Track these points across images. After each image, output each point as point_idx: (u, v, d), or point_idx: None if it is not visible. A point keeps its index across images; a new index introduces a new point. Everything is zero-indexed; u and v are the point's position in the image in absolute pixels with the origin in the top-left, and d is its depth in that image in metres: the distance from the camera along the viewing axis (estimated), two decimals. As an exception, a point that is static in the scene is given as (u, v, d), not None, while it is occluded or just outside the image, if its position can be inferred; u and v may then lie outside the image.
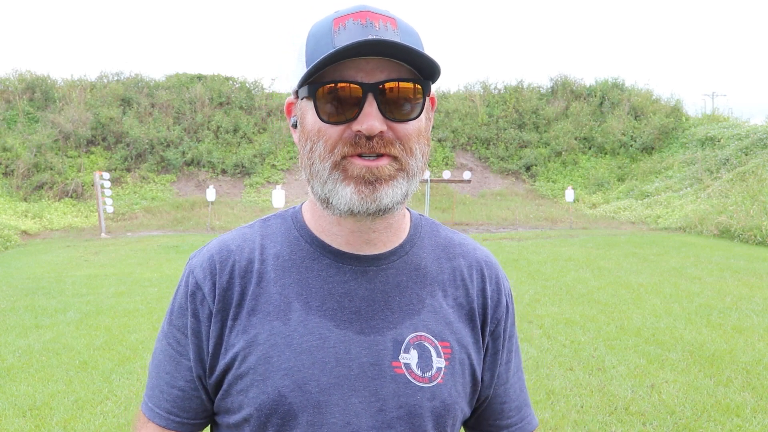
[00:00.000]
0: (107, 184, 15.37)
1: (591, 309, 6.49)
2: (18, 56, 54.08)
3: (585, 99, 23.90)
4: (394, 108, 0.80)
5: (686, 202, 16.55)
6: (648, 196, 18.40)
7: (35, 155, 18.96)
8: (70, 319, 6.26)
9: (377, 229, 0.89)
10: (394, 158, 0.82)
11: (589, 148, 22.27)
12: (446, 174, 17.84)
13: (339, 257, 0.89)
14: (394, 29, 0.81)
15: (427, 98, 0.85)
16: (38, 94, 21.22)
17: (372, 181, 0.81)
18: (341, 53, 0.76)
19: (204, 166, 20.61)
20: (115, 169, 19.55)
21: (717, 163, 18.01)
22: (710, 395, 4.07)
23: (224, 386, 0.88)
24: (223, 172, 20.65)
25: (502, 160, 22.36)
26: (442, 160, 22.11)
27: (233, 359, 0.86)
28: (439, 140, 22.65)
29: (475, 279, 0.95)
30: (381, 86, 0.79)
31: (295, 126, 0.89)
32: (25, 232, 14.88)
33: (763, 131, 18.13)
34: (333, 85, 0.79)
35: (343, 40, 0.79)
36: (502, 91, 24.61)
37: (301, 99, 0.85)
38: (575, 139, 22.24)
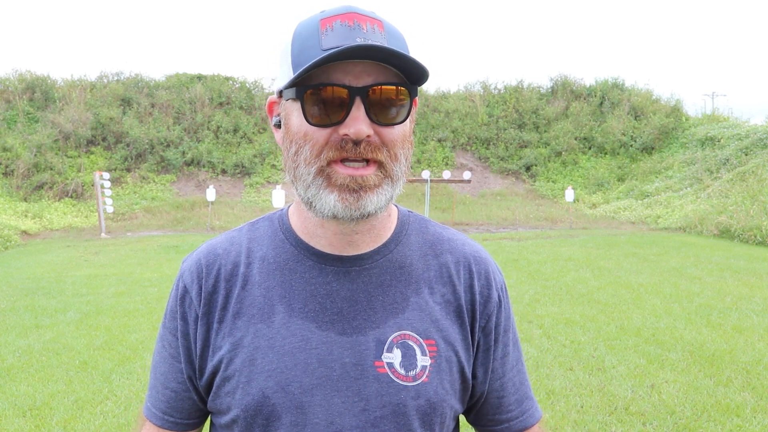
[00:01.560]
0: (107, 184, 15.37)
1: (591, 309, 6.49)
2: (18, 56, 54.09)
3: (585, 99, 23.90)
4: (381, 112, 0.80)
5: (686, 202, 16.55)
6: (648, 196, 18.39)
7: (35, 155, 18.95)
8: (70, 319, 6.26)
9: (360, 231, 0.89)
10: (380, 165, 0.82)
11: (589, 148, 22.27)
12: (446, 174, 17.82)
13: (322, 259, 0.90)
14: (381, 32, 0.81)
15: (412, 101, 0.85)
16: (38, 94, 21.21)
17: (356, 189, 0.81)
18: (333, 58, 0.76)
19: (204, 166, 20.61)
20: (115, 169, 19.55)
21: (717, 163, 18.00)
22: (710, 395, 4.07)
23: (213, 388, 0.90)
24: (223, 172, 20.65)
25: (502, 160, 22.36)
26: (442, 160, 22.11)
27: (220, 362, 0.88)
28: (439, 140, 22.65)
29: (462, 275, 0.94)
30: (369, 90, 0.79)
31: (278, 126, 0.89)
32: (25, 232, 14.87)
33: (763, 131, 18.13)
34: (321, 87, 0.79)
35: (330, 42, 0.78)
36: (502, 91, 24.61)
37: (287, 100, 0.85)
38: (575, 139, 22.24)
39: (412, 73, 0.81)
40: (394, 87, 0.80)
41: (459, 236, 1.00)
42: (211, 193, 16.54)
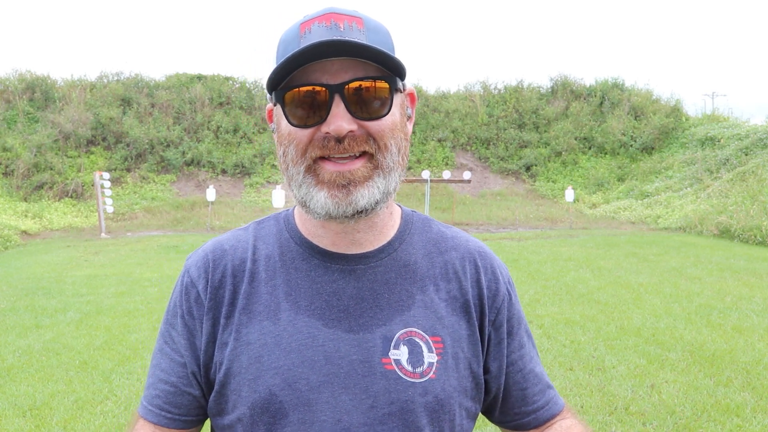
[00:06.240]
0: (107, 184, 15.37)
1: (591, 309, 6.49)
2: (18, 56, 54.09)
3: (585, 99, 23.90)
4: (363, 106, 0.81)
5: (686, 202, 16.56)
6: (648, 196, 18.40)
7: (35, 155, 18.96)
8: (70, 319, 6.26)
9: (361, 230, 0.90)
10: (369, 157, 0.83)
11: (589, 148, 22.27)
12: (446, 174, 17.83)
13: (327, 257, 0.90)
14: (360, 28, 0.82)
15: (401, 94, 0.86)
16: (38, 94, 21.22)
17: (345, 184, 0.82)
18: (297, 56, 0.77)
19: (204, 166, 20.61)
20: (115, 169, 19.55)
21: (717, 163, 18.00)
22: (710, 395, 4.07)
23: (217, 386, 0.88)
24: (223, 172, 20.65)
25: (502, 160, 22.36)
26: (442, 160, 22.11)
27: (225, 358, 0.87)
28: (439, 140, 22.65)
29: (469, 270, 0.95)
30: (346, 86, 0.79)
31: (274, 131, 0.91)
32: (25, 232, 14.87)
33: (763, 131, 18.13)
34: (299, 88, 0.80)
35: (307, 44, 0.79)
36: (502, 91, 24.61)
37: (275, 105, 0.86)
38: (575, 139, 22.25)
39: (390, 66, 0.82)
40: (371, 81, 0.81)
41: (462, 234, 1.01)
42: (211, 193, 16.55)
